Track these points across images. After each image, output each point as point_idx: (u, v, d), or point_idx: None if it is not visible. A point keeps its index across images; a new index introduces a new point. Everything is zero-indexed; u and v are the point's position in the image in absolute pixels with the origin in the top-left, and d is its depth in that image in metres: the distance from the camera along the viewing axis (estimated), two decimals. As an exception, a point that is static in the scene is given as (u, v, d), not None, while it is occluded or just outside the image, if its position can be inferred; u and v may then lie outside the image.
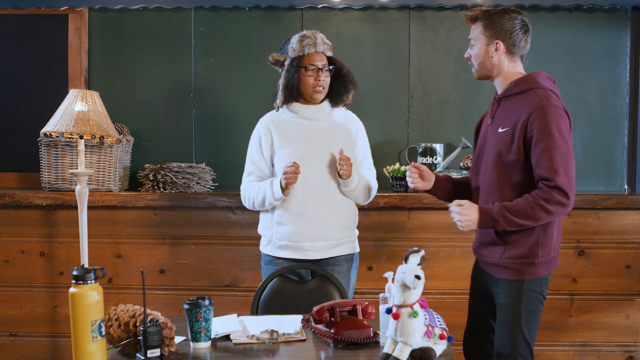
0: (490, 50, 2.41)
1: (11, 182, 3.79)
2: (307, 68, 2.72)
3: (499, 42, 2.40)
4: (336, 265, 2.78)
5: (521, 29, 2.42)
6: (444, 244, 3.37)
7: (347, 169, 2.68)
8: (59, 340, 3.49)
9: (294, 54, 2.75)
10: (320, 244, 2.74)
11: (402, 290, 1.84)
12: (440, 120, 3.66)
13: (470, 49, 2.47)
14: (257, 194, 2.75)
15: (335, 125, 2.82)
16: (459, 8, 3.61)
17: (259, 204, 2.77)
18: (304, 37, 2.75)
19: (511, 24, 2.40)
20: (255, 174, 2.82)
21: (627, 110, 3.63)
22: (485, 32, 2.41)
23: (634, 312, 3.37)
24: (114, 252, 3.45)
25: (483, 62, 2.43)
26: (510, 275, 2.37)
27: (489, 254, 2.44)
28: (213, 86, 3.70)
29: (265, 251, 2.84)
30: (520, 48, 2.43)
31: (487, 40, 2.41)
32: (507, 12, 2.42)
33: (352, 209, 2.84)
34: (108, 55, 3.73)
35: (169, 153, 3.68)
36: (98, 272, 1.79)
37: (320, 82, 2.74)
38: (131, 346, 1.94)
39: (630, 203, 3.29)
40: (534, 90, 2.35)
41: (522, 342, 2.37)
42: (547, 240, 2.36)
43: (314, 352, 2.01)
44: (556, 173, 2.22)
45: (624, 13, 3.61)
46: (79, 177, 3.13)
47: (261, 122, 2.85)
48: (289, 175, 2.62)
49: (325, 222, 2.74)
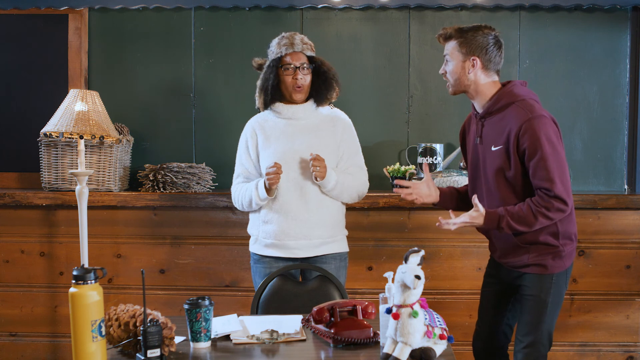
0: (466, 67, 2.46)
1: (11, 182, 3.79)
2: (284, 68, 2.75)
3: (475, 59, 2.45)
4: (324, 263, 2.79)
5: (495, 44, 2.47)
6: (444, 244, 3.37)
7: (320, 170, 2.68)
8: (59, 340, 3.49)
9: (273, 55, 2.78)
10: (304, 242, 2.75)
11: (402, 290, 1.84)
12: (440, 120, 3.66)
13: (445, 65, 2.52)
14: (244, 195, 2.79)
15: (319, 124, 2.82)
16: (459, 8, 3.61)
17: (247, 205, 2.80)
18: (281, 39, 2.79)
19: (486, 40, 2.45)
20: (243, 175, 2.85)
21: (627, 110, 3.63)
22: (460, 49, 2.46)
23: (634, 312, 3.37)
24: (114, 252, 3.45)
25: (460, 79, 2.48)
26: (540, 271, 2.46)
27: (515, 260, 2.50)
28: (213, 86, 3.70)
29: (252, 250, 2.86)
30: (495, 63, 2.48)
31: (463, 57, 2.46)
32: (481, 28, 2.47)
33: (337, 208, 2.84)
34: (108, 55, 3.73)
35: (169, 153, 3.68)
36: (98, 272, 1.79)
37: (298, 81, 2.75)
38: (131, 346, 1.94)
39: (630, 203, 3.29)
40: (514, 104, 2.41)
41: (545, 332, 2.48)
42: (569, 230, 2.47)
43: (314, 352, 2.01)
44: (553, 183, 2.33)
45: (624, 13, 3.61)
46: (79, 177, 3.13)
47: (248, 124, 2.90)
48: (271, 175, 2.65)
49: (309, 221, 2.75)
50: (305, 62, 2.77)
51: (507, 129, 2.39)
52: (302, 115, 2.81)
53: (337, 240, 2.83)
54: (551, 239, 2.44)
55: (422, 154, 3.53)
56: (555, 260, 2.46)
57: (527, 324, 2.48)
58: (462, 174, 3.34)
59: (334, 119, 2.86)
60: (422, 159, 3.52)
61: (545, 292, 2.46)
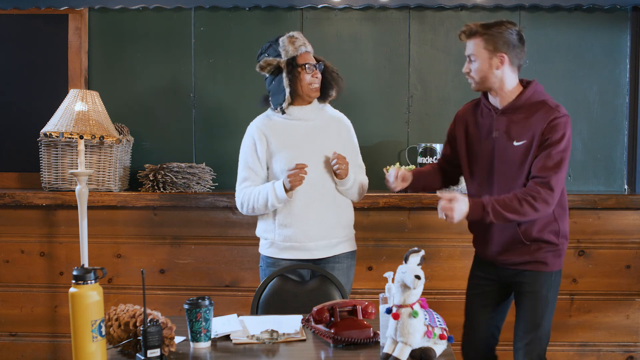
0: (494, 64, 2.42)
1: (11, 182, 3.79)
2: (305, 67, 2.73)
3: (502, 56, 2.41)
4: (337, 262, 2.80)
5: (519, 40, 2.45)
6: (444, 244, 3.37)
7: (345, 168, 2.70)
8: (59, 340, 3.49)
9: (288, 55, 2.74)
10: (324, 242, 2.76)
11: (402, 290, 1.84)
12: (440, 120, 3.66)
13: (470, 64, 2.47)
14: (258, 198, 2.73)
15: (327, 124, 2.83)
16: (459, 8, 3.61)
17: (260, 208, 2.74)
18: (293, 38, 2.76)
19: (511, 36, 2.42)
20: (250, 179, 2.79)
21: (627, 110, 3.63)
22: (487, 46, 2.42)
23: (634, 312, 3.37)
24: (114, 252, 3.45)
25: (486, 76, 2.44)
26: (541, 268, 2.48)
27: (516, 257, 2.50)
28: (213, 86, 3.70)
29: (267, 254, 2.83)
30: (519, 59, 2.47)
31: (490, 54, 2.42)
32: (504, 23, 2.44)
33: (349, 207, 2.87)
34: (108, 55, 3.73)
35: (169, 153, 3.68)
36: (98, 272, 1.79)
37: (317, 79, 2.76)
38: (131, 346, 1.94)
39: (630, 203, 3.29)
40: (543, 101, 2.43)
41: (545, 329, 2.50)
42: (567, 230, 2.51)
43: (314, 352, 2.01)
44: (551, 173, 2.35)
45: (624, 13, 3.61)
46: (79, 177, 3.13)
47: (253, 127, 2.83)
48: (293, 178, 2.62)
49: (328, 221, 2.76)
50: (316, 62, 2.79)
51: (535, 125, 2.40)
52: (311, 116, 2.81)
53: (350, 239, 2.87)
54: (553, 237, 2.46)
55: (422, 154, 3.53)
56: (555, 258, 2.49)
57: (529, 321, 2.49)
58: (462, 174, 3.34)
59: (338, 119, 2.88)
60: (422, 159, 3.52)
61: (547, 288, 2.48)
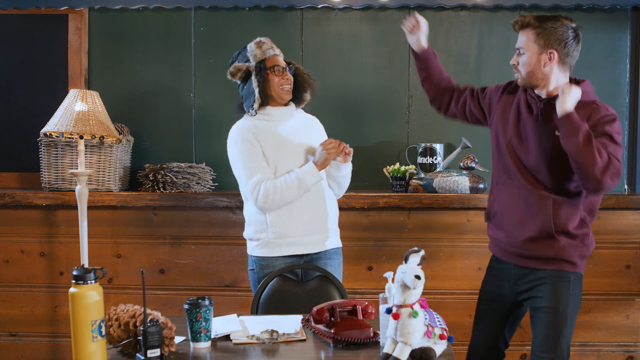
0: (542, 60, 2.33)
1: (11, 182, 3.79)
2: (274, 69, 2.77)
3: (552, 52, 2.32)
4: (329, 259, 2.82)
5: (574, 38, 2.34)
6: (444, 244, 3.37)
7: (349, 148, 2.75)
8: (59, 340, 3.49)
9: (256, 59, 2.77)
10: (319, 236, 2.79)
11: (402, 290, 1.84)
12: (440, 120, 3.64)
13: (518, 57, 2.38)
14: (289, 186, 2.68)
15: (305, 124, 2.90)
16: (459, 8, 3.61)
17: (293, 194, 2.69)
18: (261, 43, 2.80)
19: (566, 33, 2.32)
20: (261, 171, 2.72)
21: (627, 110, 3.63)
22: (538, 40, 2.32)
23: (634, 312, 3.37)
24: (114, 252, 3.45)
25: (533, 71, 2.35)
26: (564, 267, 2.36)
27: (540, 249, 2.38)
28: (213, 86, 3.70)
29: (260, 254, 2.77)
30: (572, 58, 2.37)
31: (540, 49, 2.33)
32: (560, 19, 2.33)
33: (334, 201, 2.92)
34: (108, 55, 3.73)
35: (169, 153, 3.68)
36: (98, 272, 1.79)
37: (287, 80, 2.78)
38: (131, 346, 1.94)
39: (630, 203, 3.29)
40: (593, 102, 2.34)
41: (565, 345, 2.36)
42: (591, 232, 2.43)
43: (314, 352, 2.02)
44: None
45: (624, 13, 3.61)
46: (79, 177, 3.13)
47: (242, 130, 2.79)
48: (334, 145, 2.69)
49: (320, 215, 2.79)
50: (285, 65, 2.82)
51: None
52: (290, 117, 2.85)
53: (336, 234, 2.90)
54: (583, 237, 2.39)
55: (422, 154, 3.53)
56: (581, 260, 2.39)
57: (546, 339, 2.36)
58: (463, 174, 3.34)
59: (312, 118, 2.96)
60: (422, 159, 3.52)
61: (564, 304, 2.35)
